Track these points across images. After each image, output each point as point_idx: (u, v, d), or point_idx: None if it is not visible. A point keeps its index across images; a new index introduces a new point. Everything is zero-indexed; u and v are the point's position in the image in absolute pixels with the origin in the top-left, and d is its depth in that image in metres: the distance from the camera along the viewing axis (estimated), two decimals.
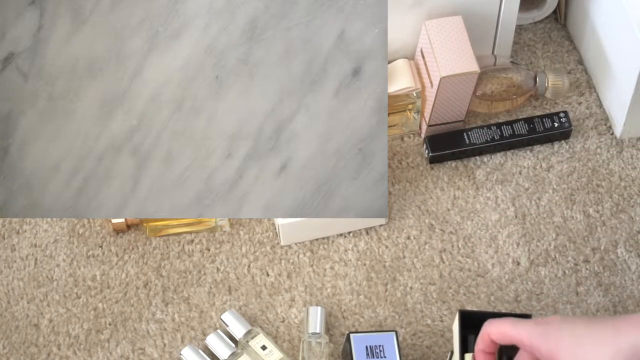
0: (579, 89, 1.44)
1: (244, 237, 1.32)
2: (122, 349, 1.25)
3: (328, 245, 1.32)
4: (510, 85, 1.39)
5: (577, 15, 1.46)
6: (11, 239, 1.33)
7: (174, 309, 1.28)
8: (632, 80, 1.31)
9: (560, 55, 1.47)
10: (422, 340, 1.26)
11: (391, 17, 1.33)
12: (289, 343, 1.26)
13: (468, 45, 1.31)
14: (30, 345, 1.26)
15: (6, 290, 1.30)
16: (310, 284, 1.29)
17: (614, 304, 1.27)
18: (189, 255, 1.31)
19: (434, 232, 1.33)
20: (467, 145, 1.37)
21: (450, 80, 1.30)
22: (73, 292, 1.29)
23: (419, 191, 1.36)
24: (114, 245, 1.32)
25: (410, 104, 1.35)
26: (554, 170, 1.37)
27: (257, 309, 1.28)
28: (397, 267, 1.30)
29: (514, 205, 1.34)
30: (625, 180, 1.36)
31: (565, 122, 1.38)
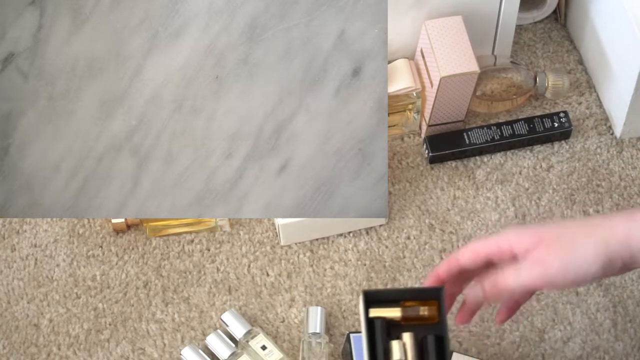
0: (579, 89, 1.44)
1: (244, 237, 1.32)
2: (122, 349, 1.25)
3: (328, 245, 1.32)
4: (510, 85, 1.39)
5: (577, 15, 1.46)
6: (11, 239, 1.33)
7: (174, 309, 1.28)
8: (632, 80, 1.31)
9: (560, 55, 1.47)
10: None
11: (391, 17, 1.33)
12: (289, 343, 1.26)
13: (468, 45, 1.31)
14: (30, 345, 1.26)
15: (6, 290, 1.30)
16: (310, 284, 1.29)
17: (614, 304, 1.27)
18: (189, 255, 1.32)
19: (434, 232, 1.33)
20: (467, 145, 1.37)
21: (450, 80, 1.30)
22: (73, 292, 1.29)
23: (419, 191, 1.36)
24: (114, 245, 1.32)
25: (410, 104, 1.35)
26: (554, 170, 1.37)
27: (257, 309, 1.28)
28: (397, 267, 1.30)
29: (514, 205, 1.34)
30: (625, 180, 1.36)
31: (565, 122, 1.38)
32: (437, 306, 1.04)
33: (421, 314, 1.04)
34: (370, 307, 1.04)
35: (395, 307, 1.04)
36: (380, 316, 1.04)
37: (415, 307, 1.04)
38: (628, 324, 1.26)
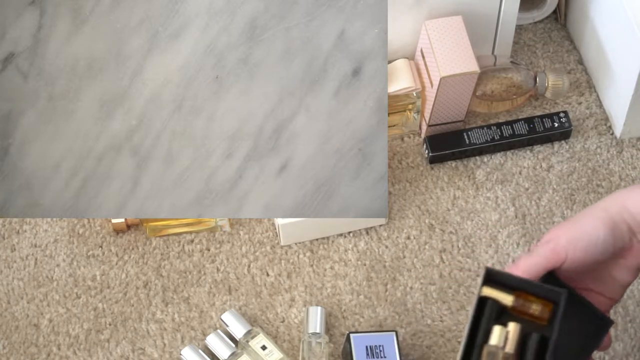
0: (579, 89, 1.44)
1: (244, 237, 1.32)
2: (122, 349, 1.25)
3: (328, 245, 1.32)
4: (510, 85, 1.39)
5: (577, 15, 1.46)
6: (11, 239, 1.33)
7: (174, 309, 1.28)
8: (632, 80, 1.31)
9: (560, 55, 1.47)
10: (422, 340, 1.26)
11: (391, 17, 1.33)
12: (289, 343, 1.26)
13: (468, 45, 1.31)
14: (30, 345, 1.26)
15: (6, 290, 1.30)
16: (310, 284, 1.29)
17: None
18: (189, 255, 1.31)
19: (434, 232, 1.33)
20: (467, 145, 1.37)
21: (450, 80, 1.30)
22: (73, 292, 1.29)
23: (419, 191, 1.36)
24: (114, 245, 1.32)
25: (410, 104, 1.35)
26: (554, 170, 1.37)
27: (257, 309, 1.28)
28: (397, 267, 1.30)
29: (514, 205, 1.34)
30: (625, 180, 1.36)
31: (565, 122, 1.38)
32: (550, 308, 1.02)
33: (532, 311, 1.02)
34: (486, 286, 1.02)
35: (509, 295, 1.02)
36: (491, 297, 1.02)
37: (528, 301, 1.02)
38: (628, 324, 1.26)
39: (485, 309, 1.02)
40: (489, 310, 1.02)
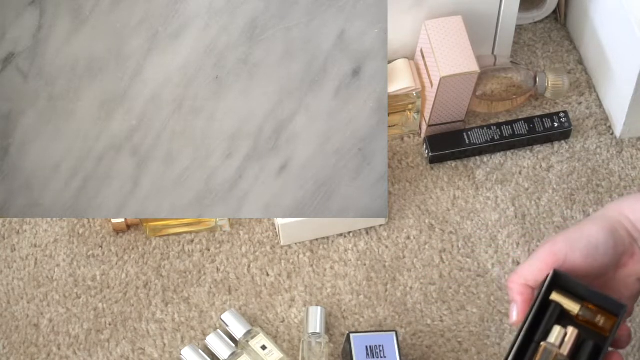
0: (579, 89, 1.44)
1: (244, 237, 1.32)
2: (122, 349, 1.25)
3: (328, 245, 1.32)
4: (510, 85, 1.39)
5: (577, 15, 1.46)
6: (11, 239, 1.33)
7: (174, 309, 1.28)
8: (632, 80, 1.31)
9: (560, 55, 1.47)
10: (422, 340, 1.26)
11: (391, 17, 1.33)
12: (289, 343, 1.26)
13: (468, 45, 1.31)
14: (30, 345, 1.26)
15: (6, 290, 1.30)
16: (310, 284, 1.29)
17: None
18: (189, 255, 1.31)
19: (434, 232, 1.33)
20: (467, 145, 1.37)
21: (450, 80, 1.30)
22: (73, 292, 1.29)
23: (419, 191, 1.36)
24: (114, 245, 1.32)
25: (410, 104, 1.35)
26: (554, 170, 1.37)
27: (257, 309, 1.28)
28: (397, 267, 1.30)
29: (514, 205, 1.34)
30: (625, 180, 1.36)
31: (565, 122, 1.38)
32: (613, 322, 1.05)
33: (596, 321, 1.05)
34: (554, 290, 1.06)
35: (577, 303, 1.05)
36: (558, 302, 1.05)
37: (596, 313, 1.05)
38: (628, 324, 1.26)
39: (549, 311, 1.05)
40: (552, 312, 1.05)
